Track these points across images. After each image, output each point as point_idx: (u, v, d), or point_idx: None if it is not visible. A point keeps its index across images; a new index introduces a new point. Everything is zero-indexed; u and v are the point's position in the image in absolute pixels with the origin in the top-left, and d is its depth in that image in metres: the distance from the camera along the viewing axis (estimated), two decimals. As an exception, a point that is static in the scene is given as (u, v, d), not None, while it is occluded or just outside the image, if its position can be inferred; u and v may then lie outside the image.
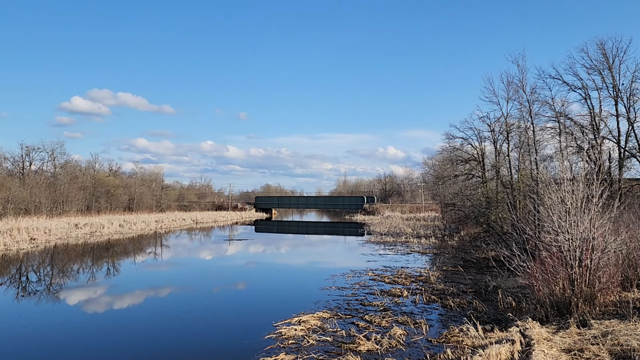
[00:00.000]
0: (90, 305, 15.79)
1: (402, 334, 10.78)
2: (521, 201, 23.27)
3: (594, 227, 11.12)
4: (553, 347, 8.67)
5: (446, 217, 47.55)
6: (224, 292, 17.84)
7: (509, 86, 25.35)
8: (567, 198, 11.32)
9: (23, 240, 32.79)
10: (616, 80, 24.47)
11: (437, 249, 30.42)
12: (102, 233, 42.91)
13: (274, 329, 11.43)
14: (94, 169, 73.04)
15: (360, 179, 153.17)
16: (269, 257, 29.78)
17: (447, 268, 21.69)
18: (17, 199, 47.74)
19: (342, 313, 13.14)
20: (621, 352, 8.05)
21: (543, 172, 19.07)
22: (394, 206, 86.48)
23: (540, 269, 11.68)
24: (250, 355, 9.63)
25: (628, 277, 13.01)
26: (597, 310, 10.84)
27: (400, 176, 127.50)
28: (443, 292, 15.98)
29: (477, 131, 32.01)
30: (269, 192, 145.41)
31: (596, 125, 24.68)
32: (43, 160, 64.23)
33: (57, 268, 24.53)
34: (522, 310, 12.38)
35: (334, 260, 27.48)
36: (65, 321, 13.57)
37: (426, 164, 69.80)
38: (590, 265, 10.99)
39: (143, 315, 14.24)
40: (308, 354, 9.56)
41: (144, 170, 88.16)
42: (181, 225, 60.33)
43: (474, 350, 8.98)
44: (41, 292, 18.10)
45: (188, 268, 25.38)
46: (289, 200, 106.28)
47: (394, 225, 52.24)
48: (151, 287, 18.94)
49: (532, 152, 23.56)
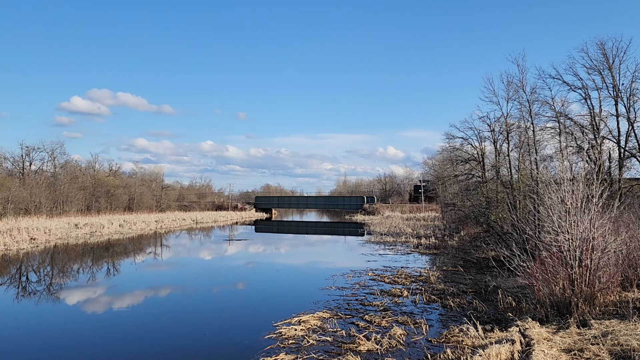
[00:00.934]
0: (90, 305, 15.78)
1: (402, 334, 10.78)
2: (521, 201, 23.26)
3: (594, 227, 11.11)
4: (553, 347, 8.67)
5: (446, 217, 47.54)
6: (224, 292, 17.84)
7: (509, 86, 25.33)
8: (567, 198, 11.31)
9: (23, 240, 32.78)
10: (616, 80, 24.47)
11: (437, 249, 30.40)
12: (102, 233, 42.90)
13: (274, 329, 11.43)
14: (94, 169, 73.05)
15: (360, 179, 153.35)
16: (269, 257, 29.78)
17: (447, 268, 21.68)
18: (17, 199, 47.72)
19: (342, 313, 13.13)
20: (621, 352, 8.05)
21: (543, 172, 19.07)
22: (394, 206, 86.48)
23: (540, 269, 11.68)
24: (250, 355, 9.63)
25: (628, 277, 13.01)
26: (597, 310, 10.84)
27: (400, 176, 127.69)
28: (443, 292, 15.98)
29: (477, 131, 32.02)
30: (269, 192, 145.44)
31: (596, 125, 24.68)
32: (43, 160, 64.33)
33: (57, 268, 24.53)
34: (522, 310, 12.38)
35: (334, 260, 27.48)
36: (65, 321, 13.57)
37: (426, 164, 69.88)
38: (590, 265, 10.99)
39: (143, 315, 14.23)
40: (308, 354, 9.56)
41: (143, 170, 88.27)
42: (181, 225, 60.31)
43: (474, 350, 8.98)
44: (41, 292, 18.10)
45: (188, 268, 25.38)
46: (289, 200, 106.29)
47: (394, 225, 52.23)
48: (151, 287, 18.94)
49: (532, 152, 23.54)
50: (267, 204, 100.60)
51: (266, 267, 24.78)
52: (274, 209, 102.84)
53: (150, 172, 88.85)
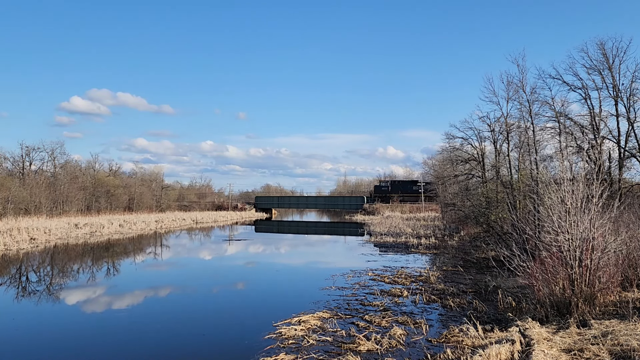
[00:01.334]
0: (90, 305, 15.78)
1: (402, 334, 10.78)
2: (521, 201, 23.26)
3: (594, 227, 11.11)
4: (553, 347, 8.67)
5: (446, 217, 47.53)
6: (224, 292, 17.83)
7: (509, 86, 25.32)
8: (567, 198, 11.31)
9: (23, 240, 32.78)
10: (616, 80, 24.47)
11: (437, 249, 30.40)
12: (102, 233, 42.89)
13: (274, 329, 11.42)
14: (94, 169, 73.03)
15: (360, 179, 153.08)
16: (269, 257, 29.78)
17: (447, 268, 21.68)
18: (17, 199, 47.72)
19: (342, 313, 13.13)
20: (621, 352, 8.05)
21: (543, 172, 19.07)
22: (394, 206, 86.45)
23: (540, 269, 11.68)
24: (250, 355, 9.63)
25: (628, 277, 13.01)
26: (597, 310, 10.84)
27: (400, 176, 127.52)
28: (443, 292, 15.98)
29: (477, 131, 32.03)
30: (269, 192, 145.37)
31: (596, 125, 24.68)
32: (43, 160, 64.26)
33: (57, 268, 24.53)
34: (522, 310, 12.38)
35: (334, 260, 27.48)
36: (65, 321, 13.57)
37: (426, 164, 69.82)
38: (590, 265, 10.99)
39: (143, 315, 14.23)
40: (308, 354, 9.56)
41: (143, 170, 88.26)
42: (181, 225, 60.30)
43: (474, 350, 8.98)
44: (41, 292, 18.10)
45: (188, 268, 25.37)
46: (289, 200, 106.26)
47: (394, 225, 52.20)
48: (151, 287, 18.94)
49: (532, 152, 23.54)
50: (267, 204, 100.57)
51: (266, 267, 24.77)
52: (274, 209, 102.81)
53: (150, 172, 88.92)
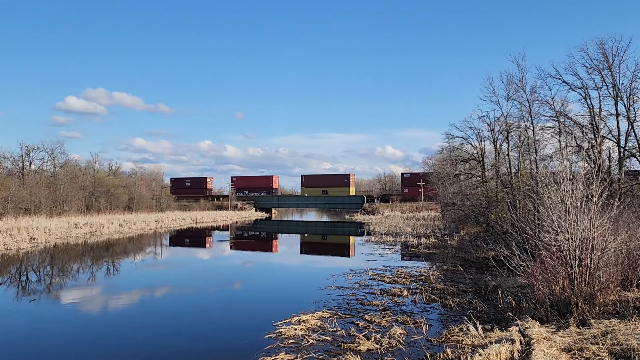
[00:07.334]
0: (90, 304, 15.77)
1: (402, 334, 10.78)
2: (521, 201, 23.25)
3: (593, 226, 11.11)
4: (553, 347, 8.67)
5: (446, 216, 47.52)
6: (223, 292, 17.83)
7: (509, 86, 25.28)
8: (567, 197, 11.31)
9: (23, 240, 32.77)
10: (616, 80, 24.44)
11: (437, 249, 30.39)
12: (102, 233, 42.88)
13: (273, 329, 11.43)
14: (94, 168, 72.97)
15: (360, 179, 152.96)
16: (269, 257, 29.77)
17: (447, 268, 21.67)
18: (17, 198, 47.69)
19: (342, 312, 13.14)
20: (621, 352, 8.05)
21: (543, 171, 19.06)
22: (394, 206, 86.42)
23: (540, 268, 11.68)
24: (250, 355, 9.63)
25: (628, 277, 13.00)
26: (597, 310, 10.84)
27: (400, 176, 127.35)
28: (443, 291, 15.98)
29: (477, 131, 31.99)
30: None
31: (596, 125, 24.66)
32: (43, 160, 64.31)
33: (57, 268, 24.52)
34: (522, 309, 12.37)
35: (334, 260, 27.46)
36: (64, 321, 13.56)
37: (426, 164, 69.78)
38: (590, 264, 10.99)
39: (143, 314, 14.23)
40: (308, 354, 9.56)
41: (143, 170, 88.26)
42: (181, 224, 60.26)
43: (473, 350, 8.98)
44: (41, 291, 18.09)
45: (188, 268, 25.38)
46: (289, 200, 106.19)
47: (394, 224, 52.21)
48: (151, 286, 18.94)
49: (532, 152, 23.53)
50: (266, 203, 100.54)
51: (266, 267, 24.78)
52: (274, 209, 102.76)
53: (150, 172, 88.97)
